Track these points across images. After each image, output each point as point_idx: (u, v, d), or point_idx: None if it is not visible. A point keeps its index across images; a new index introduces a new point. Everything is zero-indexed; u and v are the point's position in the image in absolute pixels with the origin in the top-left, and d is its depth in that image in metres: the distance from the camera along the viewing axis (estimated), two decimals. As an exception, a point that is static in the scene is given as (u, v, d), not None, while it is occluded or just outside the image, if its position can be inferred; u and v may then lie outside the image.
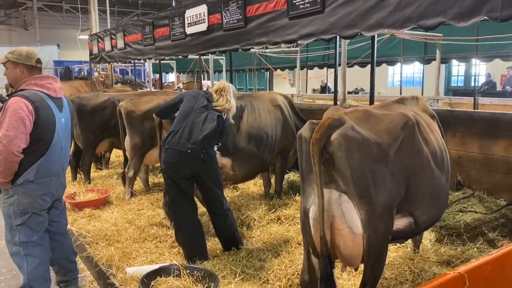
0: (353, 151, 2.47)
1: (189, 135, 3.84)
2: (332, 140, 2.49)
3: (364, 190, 2.48)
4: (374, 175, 2.51)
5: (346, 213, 2.52)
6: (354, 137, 2.49)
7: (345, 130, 2.50)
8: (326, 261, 2.51)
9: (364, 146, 2.50)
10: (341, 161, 2.48)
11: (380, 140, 2.57)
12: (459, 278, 2.32)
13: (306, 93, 13.45)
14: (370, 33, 4.23)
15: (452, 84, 19.12)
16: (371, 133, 2.57)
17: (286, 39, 5.07)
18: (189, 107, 4.02)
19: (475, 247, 3.89)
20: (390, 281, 3.44)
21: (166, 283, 3.30)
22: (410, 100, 3.42)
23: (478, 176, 5.06)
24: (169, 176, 3.93)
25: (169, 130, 4.00)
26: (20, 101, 3.19)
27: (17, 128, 3.13)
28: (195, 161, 3.82)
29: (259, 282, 3.52)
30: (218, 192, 4.03)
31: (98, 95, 7.03)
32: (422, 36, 7.80)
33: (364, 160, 2.49)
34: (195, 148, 3.79)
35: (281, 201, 5.44)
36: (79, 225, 4.96)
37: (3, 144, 3.11)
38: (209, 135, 3.87)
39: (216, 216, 4.09)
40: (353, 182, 2.47)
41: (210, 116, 3.95)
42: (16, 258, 3.43)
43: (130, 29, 9.06)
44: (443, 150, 3.15)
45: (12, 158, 3.14)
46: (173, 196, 3.96)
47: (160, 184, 6.63)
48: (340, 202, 2.54)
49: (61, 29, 25.67)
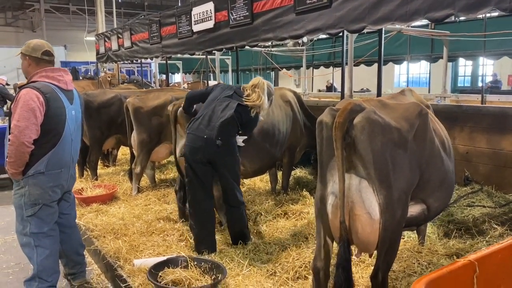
0: (376, 134, 2.49)
1: (208, 122, 3.94)
2: (355, 124, 2.51)
3: (384, 174, 2.50)
4: (394, 160, 2.53)
5: (365, 199, 2.53)
6: (377, 120, 2.51)
7: (368, 114, 2.52)
8: (345, 246, 2.52)
9: (386, 130, 2.53)
10: (363, 145, 2.49)
11: (399, 126, 2.60)
12: (469, 265, 2.30)
13: (312, 92, 13.42)
14: (377, 27, 4.21)
15: (459, 84, 19.04)
16: (391, 119, 2.58)
17: (293, 34, 5.07)
18: (214, 96, 4.14)
19: (484, 241, 3.86)
20: (398, 273, 3.42)
21: (173, 274, 3.30)
22: (408, 92, 3.49)
23: (486, 171, 5.03)
24: (186, 160, 4.01)
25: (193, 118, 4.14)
26: (31, 92, 3.21)
27: (28, 119, 3.15)
28: (210, 147, 3.87)
29: (267, 274, 3.51)
30: (233, 182, 4.04)
31: (105, 92, 7.07)
32: (429, 33, 7.77)
33: (386, 144, 2.51)
34: (211, 134, 3.86)
35: (288, 196, 5.43)
36: (86, 219, 4.98)
37: (14, 134, 3.13)
38: (226, 122, 3.89)
39: (229, 207, 4.11)
40: (374, 166, 2.48)
41: (231, 104, 3.99)
42: (26, 249, 3.45)
43: (137, 27, 9.09)
44: (447, 138, 3.21)
45: (23, 148, 3.16)
46: (189, 181, 4.05)
47: (167, 180, 6.65)
48: (359, 188, 2.56)
49: (68, 31, 25.84)
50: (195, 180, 3.98)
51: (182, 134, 4.68)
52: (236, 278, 3.45)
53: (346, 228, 2.52)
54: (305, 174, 6.41)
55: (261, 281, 3.38)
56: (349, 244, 2.56)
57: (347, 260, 2.54)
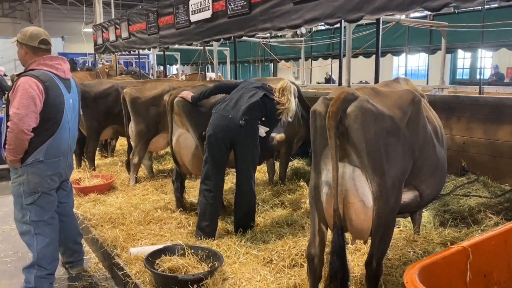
0: (369, 123, 2.50)
1: (234, 104, 4.12)
2: (349, 113, 2.51)
3: (377, 162, 2.51)
4: (388, 148, 2.54)
5: (359, 187, 2.55)
6: (370, 109, 2.52)
7: (361, 103, 2.53)
8: (339, 234, 2.54)
9: (379, 118, 2.53)
10: (356, 133, 2.50)
11: (392, 114, 2.61)
12: (463, 252, 2.33)
13: (310, 84, 13.41)
14: (375, 16, 4.21)
15: (458, 77, 19.03)
16: (384, 107, 2.59)
17: (291, 24, 5.05)
18: (242, 86, 4.33)
19: (479, 230, 3.89)
20: (393, 261, 3.44)
21: (170, 262, 3.31)
22: (403, 80, 3.49)
23: (483, 162, 5.05)
24: (208, 137, 4.10)
25: (220, 100, 4.32)
26: (30, 80, 3.21)
27: (28, 106, 3.15)
28: (233, 126, 4.00)
29: (263, 262, 3.54)
30: (248, 167, 4.17)
31: (102, 82, 7.06)
32: (428, 24, 7.75)
33: (379, 132, 2.52)
34: (236, 115, 4.02)
35: (285, 186, 5.45)
36: (84, 209, 5.00)
37: (14, 122, 3.13)
38: (252, 105, 4.05)
39: (239, 190, 4.23)
40: (367, 155, 2.50)
41: (258, 93, 4.15)
42: (26, 237, 3.46)
43: (135, 18, 9.05)
44: (441, 126, 3.24)
45: (22, 136, 3.16)
46: (206, 158, 4.14)
47: (165, 170, 6.67)
48: (353, 177, 2.57)
49: (66, 22, 25.66)
50: (211, 158, 4.09)
51: (178, 124, 4.68)
52: (233, 266, 3.47)
53: (340, 215, 2.54)
54: (303, 165, 6.43)
55: (257, 269, 3.40)
56: (343, 231, 2.58)
57: (341, 247, 2.56)
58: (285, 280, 3.16)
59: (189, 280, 3.09)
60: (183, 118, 4.55)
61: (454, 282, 2.26)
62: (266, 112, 4.16)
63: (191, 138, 4.58)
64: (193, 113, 4.52)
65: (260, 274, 3.32)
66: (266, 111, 4.16)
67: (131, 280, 3.37)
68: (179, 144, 4.69)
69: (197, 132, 4.52)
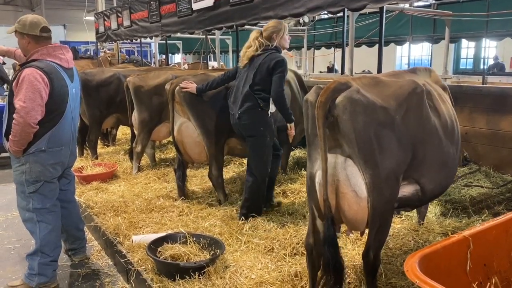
0: (358, 114, 2.46)
1: (234, 98, 4.21)
2: (337, 103, 2.48)
3: (368, 153, 2.48)
4: (380, 139, 2.50)
5: (351, 177, 2.53)
6: (359, 99, 2.48)
7: (350, 93, 2.49)
8: (329, 223, 2.53)
9: (369, 109, 2.49)
10: (346, 124, 2.48)
11: (386, 105, 2.56)
12: (464, 241, 2.33)
13: (313, 73, 13.36)
14: (378, 5, 4.17)
15: (461, 67, 18.91)
16: (377, 98, 2.56)
17: (294, 12, 5.02)
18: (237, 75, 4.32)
19: (481, 219, 3.90)
20: (394, 251, 3.46)
21: (172, 249, 3.34)
22: (423, 71, 3.36)
23: (485, 152, 5.04)
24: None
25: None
26: (36, 72, 3.19)
27: (34, 100, 3.15)
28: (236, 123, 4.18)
29: (264, 250, 3.55)
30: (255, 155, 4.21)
31: (104, 70, 7.02)
32: (431, 13, 7.68)
33: (369, 123, 2.48)
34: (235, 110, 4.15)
35: (287, 176, 5.46)
36: (86, 196, 5.02)
37: (21, 115, 3.13)
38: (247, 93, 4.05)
39: (248, 173, 4.28)
40: (357, 145, 2.47)
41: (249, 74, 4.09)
42: (29, 224, 3.48)
43: (137, 6, 8.99)
44: (454, 121, 3.12)
45: (28, 129, 3.17)
46: None
47: (167, 159, 6.68)
48: (345, 166, 2.55)
49: (67, 10, 25.53)
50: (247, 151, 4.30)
51: (180, 113, 4.68)
52: (234, 254, 3.50)
53: (329, 206, 2.52)
54: (304, 155, 6.43)
55: (258, 257, 3.42)
56: (333, 221, 2.55)
57: (331, 236, 2.55)
58: (286, 268, 3.18)
59: (191, 267, 3.12)
60: (185, 107, 4.54)
61: (454, 271, 2.27)
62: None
63: (192, 126, 4.58)
64: (194, 102, 4.51)
65: (261, 262, 3.34)
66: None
67: (133, 268, 3.40)
68: (181, 133, 4.69)
69: (198, 120, 4.52)
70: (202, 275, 3.13)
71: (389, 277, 3.06)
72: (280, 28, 4.12)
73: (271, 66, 3.95)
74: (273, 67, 3.95)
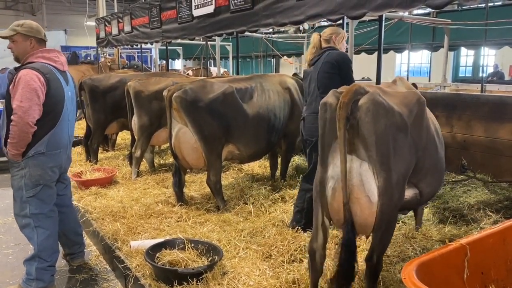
0: (381, 116, 2.52)
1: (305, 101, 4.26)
2: (361, 105, 2.53)
3: (385, 157, 2.52)
4: (396, 143, 2.56)
5: (365, 182, 2.56)
6: (382, 103, 2.54)
7: (374, 96, 2.55)
8: (349, 228, 2.56)
9: (390, 113, 2.56)
10: (367, 126, 2.52)
11: (401, 111, 2.64)
12: (461, 249, 2.34)
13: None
14: (378, 13, 4.21)
15: (460, 74, 18.97)
16: (393, 103, 2.62)
17: (293, 20, 5.06)
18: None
19: (478, 227, 3.90)
20: (392, 258, 3.46)
21: (171, 255, 3.34)
22: (399, 81, 3.44)
23: (483, 160, 5.06)
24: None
25: None
26: (32, 73, 3.21)
27: (31, 99, 3.16)
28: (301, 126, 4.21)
29: (262, 257, 3.55)
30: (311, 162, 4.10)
31: (110, 76, 7.06)
32: (431, 21, 7.73)
33: (389, 127, 2.54)
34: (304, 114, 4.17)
35: (286, 182, 5.46)
36: (85, 202, 5.02)
37: (18, 115, 3.13)
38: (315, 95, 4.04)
39: (304, 181, 4.20)
40: (376, 148, 2.51)
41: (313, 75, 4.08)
42: (26, 230, 3.47)
43: (137, 12, 9.06)
44: (439, 127, 3.29)
45: (27, 129, 3.17)
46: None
47: (166, 165, 6.69)
48: (360, 171, 2.58)
49: (68, 15, 25.63)
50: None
51: (177, 119, 4.70)
52: (232, 260, 3.49)
53: (349, 209, 2.55)
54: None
55: (256, 263, 3.42)
56: (353, 225, 2.58)
57: (351, 241, 2.57)
58: (284, 275, 3.18)
59: (189, 273, 3.12)
60: (182, 113, 4.57)
61: (451, 279, 2.28)
62: None
63: (190, 132, 4.60)
64: (192, 108, 4.54)
65: (259, 268, 3.34)
66: None
67: (132, 273, 3.39)
68: (179, 139, 4.71)
69: (196, 126, 4.54)
70: (200, 281, 3.13)
71: (387, 284, 3.06)
72: (339, 32, 4.12)
73: (334, 61, 3.94)
74: (336, 61, 3.95)
